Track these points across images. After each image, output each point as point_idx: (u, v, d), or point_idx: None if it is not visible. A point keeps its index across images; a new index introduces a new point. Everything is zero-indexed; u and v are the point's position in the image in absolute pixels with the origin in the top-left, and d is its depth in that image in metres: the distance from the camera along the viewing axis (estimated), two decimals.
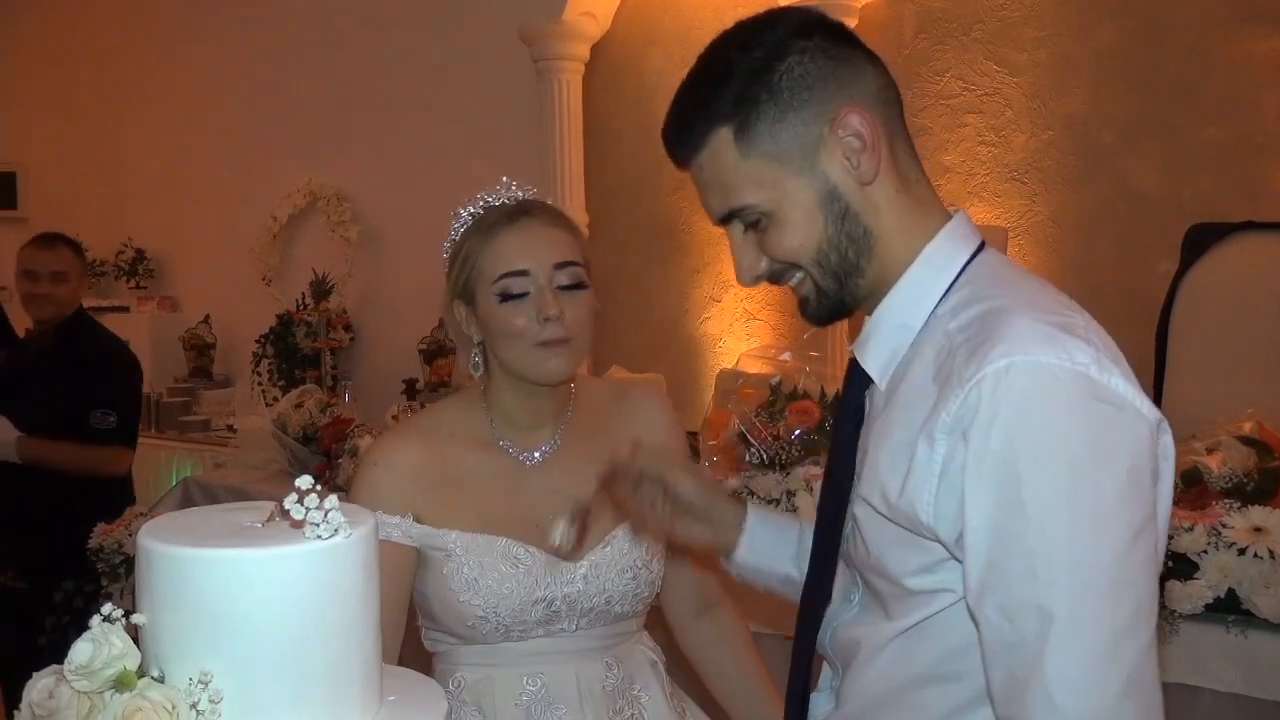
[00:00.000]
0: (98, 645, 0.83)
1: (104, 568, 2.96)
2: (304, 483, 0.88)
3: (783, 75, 0.99)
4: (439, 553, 1.40)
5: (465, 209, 1.45)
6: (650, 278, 4.75)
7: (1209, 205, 3.43)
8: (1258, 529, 1.88)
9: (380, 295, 5.54)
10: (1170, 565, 1.85)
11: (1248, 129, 3.54)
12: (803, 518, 2.28)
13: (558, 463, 1.47)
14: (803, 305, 1.07)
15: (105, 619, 0.85)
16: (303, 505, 0.86)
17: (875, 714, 1.05)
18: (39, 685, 0.86)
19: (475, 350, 1.46)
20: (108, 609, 0.85)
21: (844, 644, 1.10)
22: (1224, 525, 1.90)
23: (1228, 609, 1.85)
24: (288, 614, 0.85)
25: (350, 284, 5.52)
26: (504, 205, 1.43)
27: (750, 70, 0.99)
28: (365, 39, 5.46)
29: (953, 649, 0.98)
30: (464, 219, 1.45)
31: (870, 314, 1.06)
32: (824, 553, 1.11)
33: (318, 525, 0.86)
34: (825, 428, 2.47)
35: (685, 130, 1.03)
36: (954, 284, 1.00)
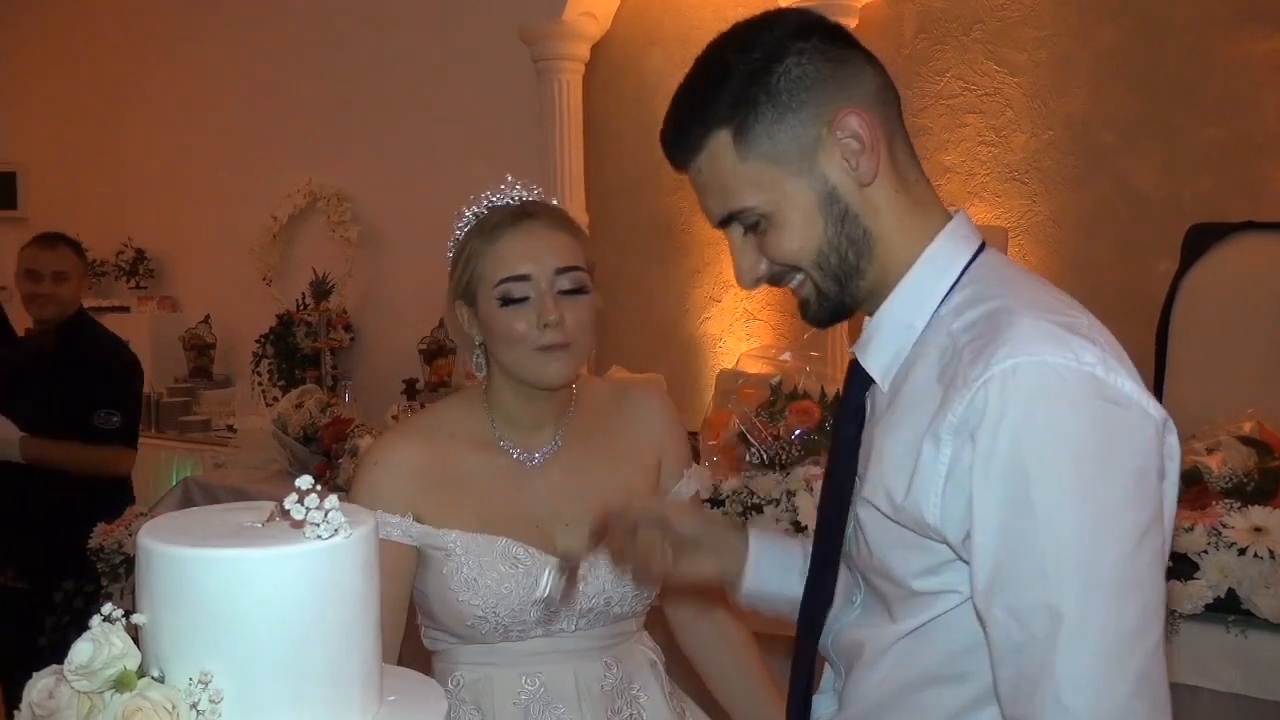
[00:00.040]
0: (98, 645, 0.83)
1: (104, 568, 2.96)
2: (304, 483, 0.88)
3: (780, 77, 0.98)
4: (439, 552, 1.40)
5: (469, 208, 1.44)
6: (650, 278, 4.74)
7: (1209, 205, 3.43)
8: (1258, 529, 1.88)
9: (380, 295, 5.54)
10: (1170, 565, 1.84)
11: (1248, 129, 3.54)
12: (803, 518, 2.32)
13: (559, 463, 1.47)
14: (803, 307, 1.06)
15: (105, 619, 0.85)
16: (303, 505, 0.86)
17: (880, 715, 1.05)
18: (39, 685, 0.86)
19: (477, 351, 1.45)
20: (108, 609, 0.85)
21: (847, 646, 1.09)
22: (1224, 525, 1.90)
23: (1228, 609, 1.85)
24: (288, 614, 0.85)
25: (350, 284, 5.52)
26: (508, 206, 1.42)
27: (748, 72, 0.99)
28: (365, 39, 5.46)
29: (958, 649, 0.98)
30: (468, 219, 1.44)
31: (871, 315, 1.06)
32: (825, 555, 1.10)
33: (318, 525, 0.86)
34: (825, 428, 2.47)
35: (683, 133, 1.03)
36: (956, 284, 1.00)
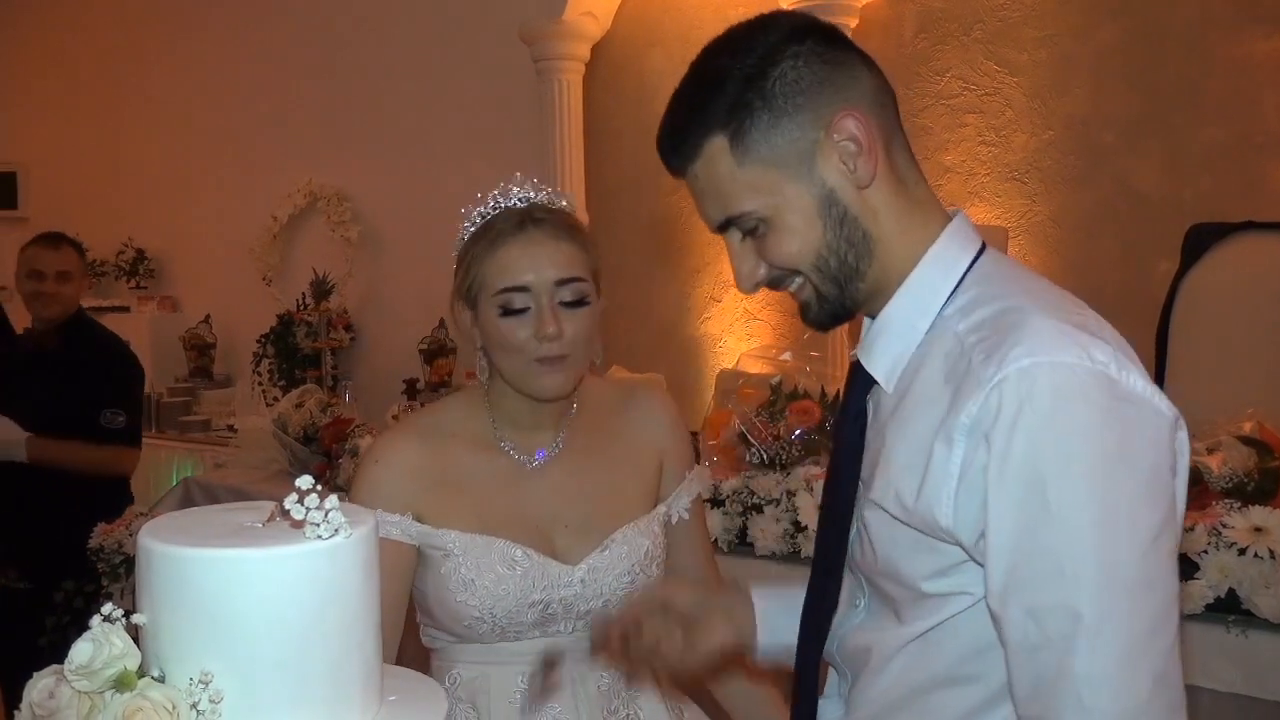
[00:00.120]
0: (98, 645, 0.83)
1: (104, 568, 2.97)
2: (304, 483, 0.88)
3: (776, 81, 0.98)
4: (437, 552, 1.40)
5: (475, 208, 1.42)
6: (650, 278, 4.74)
7: (1209, 205, 3.43)
8: (1258, 529, 1.88)
9: (380, 295, 5.54)
10: None
11: (1248, 129, 3.54)
12: (803, 518, 2.32)
13: (559, 465, 1.46)
14: (803, 310, 1.06)
15: (105, 619, 0.85)
16: (303, 505, 0.86)
17: (888, 719, 1.04)
18: (39, 685, 0.85)
19: (479, 354, 1.44)
20: (108, 609, 0.85)
21: (853, 651, 1.09)
22: (1224, 525, 1.90)
23: (1228, 609, 1.86)
24: (288, 614, 0.84)
25: (350, 284, 5.52)
26: (514, 209, 1.39)
27: (744, 77, 0.98)
28: (365, 39, 5.47)
29: (968, 651, 0.97)
30: (473, 219, 1.41)
31: (872, 317, 1.05)
32: (828, 561, 1.09)
33: (318, 525, 0.86)
34: (825, 428, 2.47)
35: (679, 139, 1.02)
36: (960, 284, 1.00)
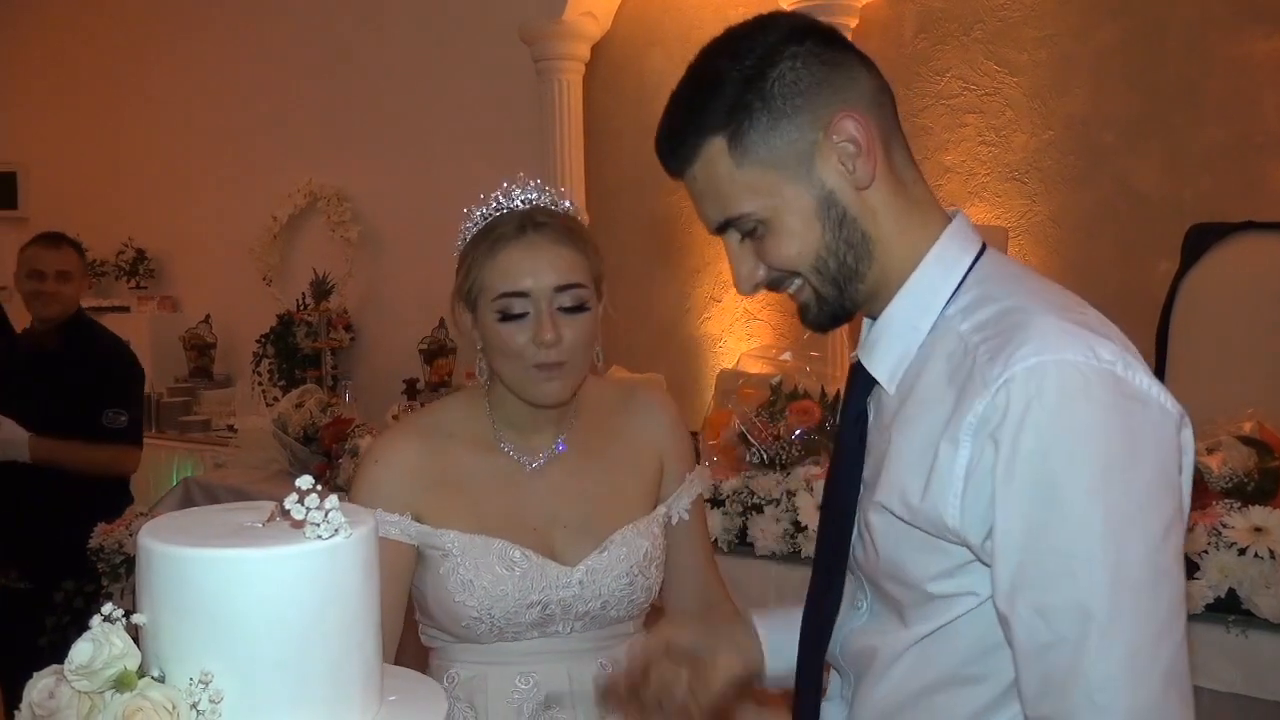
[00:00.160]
0: (98, 645, 0.83)
1: (104, 568, 2.97)
2: (304, 483, 0.88)
3: (775, 82, 0.97)
4: (436, 552, 1.40)
5: (478, 209, 1.40)
6: (650, 278, 4.74)
7: (1209, 205, 3.43)
8: (1258, 529, 1.88)
9: (380, 295, 5.54)
10: None
11: (1248, 129, 3.54)
12: (803, 518, 2.32)
13: (559, 466, 1.46)
14: (802, 312, 1.05)
15: (105, 619, 0.85)
16: (303, 505, 0.86)
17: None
18: (39, 685, 0.85)
19: (479, 355, 1.43)
20: (108, 609, 0.85)
21: (856, 653, 1.08)
22: (1224, 525, 1.90)
23: (1228, 609, 1.85)
24: (288, 614, 0.84)
25: (350, 284, 5.52)
26: (515, 211, 1.38)
27: (742, 78, 0.98)
28: (365, 39, 5.46)
29: (974, 652, 0.97)
30: (475, 219, 1.40)
31: (872, 317, 1.05)
32: (830, 563, 1.09)
33: (318, 525, 0.86)
34: (826, 428, 2.47)
35: (678, 141, 1.02)
36: (961, 285, 1.00)
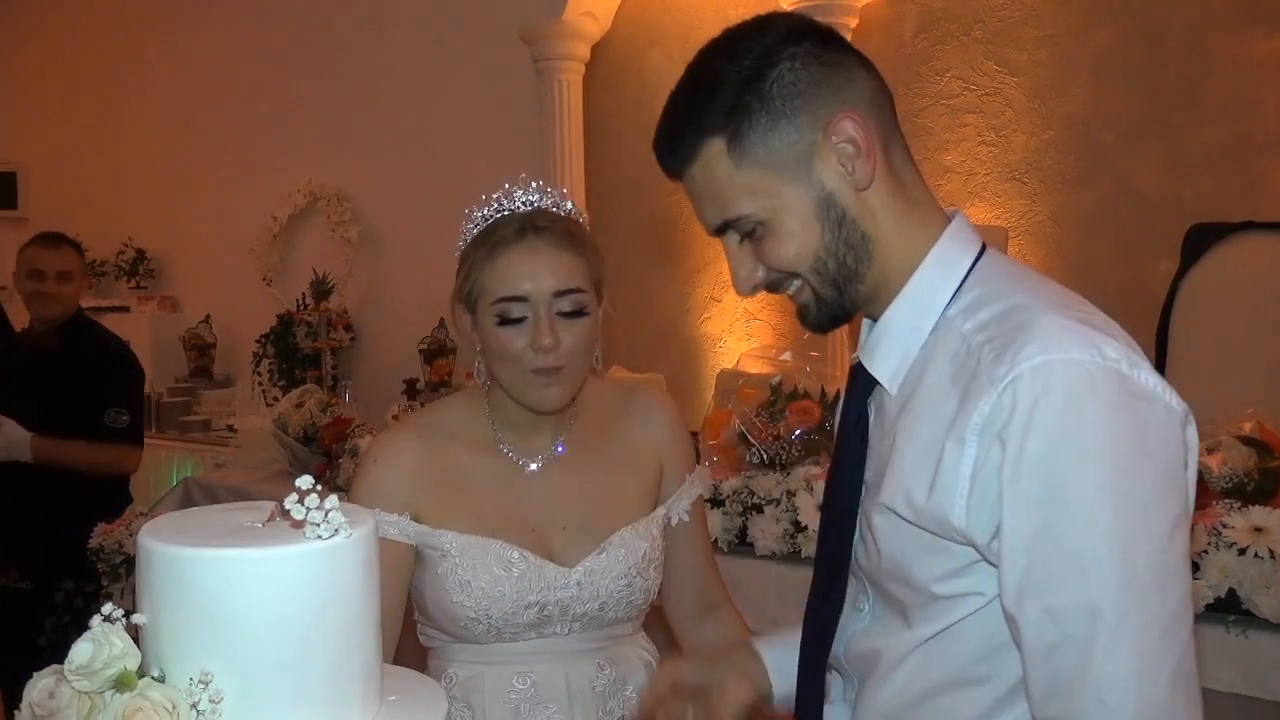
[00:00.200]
0: (98, 645, 0.83)
1: (104, 568, 2.97)
2: (304, 483, 0.88)
3: (774, 83, 0.97)
4: (434, 552, 1.40)
5: (479, 210, 1.40)
6: (650, 278, 4.74)
7: (1209, 205, 3.43)
8: (1258, 529, 1.88)
9: (380, 295, 5.54)
10: None
11: (1248, 129, 3.54)
12: (803, 518, 2.32)
13: (558, 467, 1.46)
14: (802, 313, 1.05)
15: (105, 619, 0.85)
16: (303, 505, 0.86)
17: None
18: (39, 685, 0.85)
19: (478, 357, 1.43)
20: (108, 609, 0.85)
21: (859, 655, 1.08)
22: (1224, 525, 1.90)
23: (1228, 609, 1.86)
24: (288, 614, 0.84)
25: (350, 284, 5.52)
26: (516, 214, 1.37)
27: (741, 79, 0.98)
28: (365, 39, 5.47)
29: (980, 653, 0.97)
30: (476, 220, 1.39)
31: (872, 318, 1.05)
32: (832, 566, 1.09)
33: (318, 525, 0.86)
34: (826, 428, 2.47)
35: (676, 142, 1.01)
36: (962, 285, 1.00)
